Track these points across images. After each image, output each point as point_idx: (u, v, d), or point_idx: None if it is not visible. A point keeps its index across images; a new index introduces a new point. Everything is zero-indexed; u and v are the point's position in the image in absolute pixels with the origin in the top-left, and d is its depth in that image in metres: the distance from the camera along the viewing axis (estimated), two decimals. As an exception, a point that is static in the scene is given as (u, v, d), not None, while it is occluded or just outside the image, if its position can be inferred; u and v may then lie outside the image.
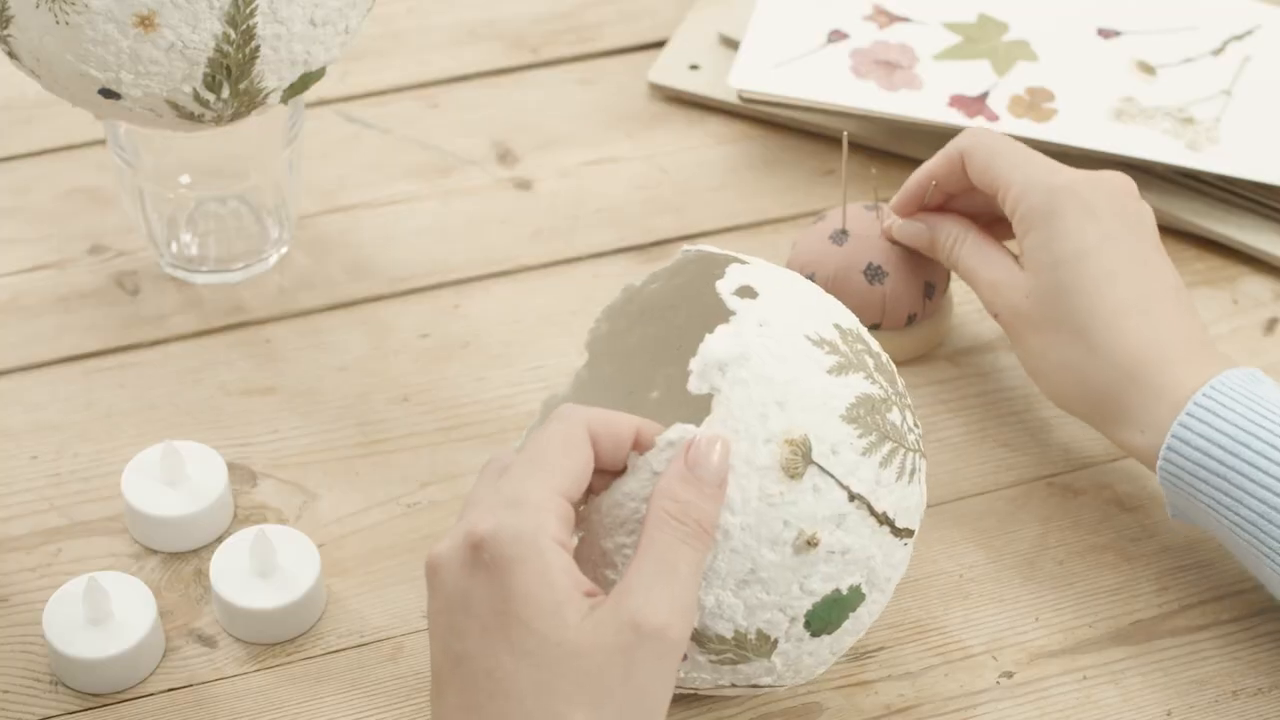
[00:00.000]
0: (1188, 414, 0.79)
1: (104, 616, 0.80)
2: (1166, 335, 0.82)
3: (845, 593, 0.73)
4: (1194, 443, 0.79)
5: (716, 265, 0.77)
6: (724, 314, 0.73)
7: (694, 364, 0.70)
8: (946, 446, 0.90)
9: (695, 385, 0.70)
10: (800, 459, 0.70)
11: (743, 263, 0.75)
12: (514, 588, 0.66)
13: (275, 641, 0.83)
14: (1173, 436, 0.80)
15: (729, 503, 0.70)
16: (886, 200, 0.93)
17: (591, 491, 0.71)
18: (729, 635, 0.72)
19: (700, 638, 0.72)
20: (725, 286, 0.73)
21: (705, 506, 0.69)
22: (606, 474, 0.71)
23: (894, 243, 0.92)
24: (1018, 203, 0.85)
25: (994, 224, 0.91)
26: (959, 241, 0.89)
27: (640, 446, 0.71)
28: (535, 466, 0.69)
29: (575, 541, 0.70)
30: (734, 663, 0.73)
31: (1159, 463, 0.81)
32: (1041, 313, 0.84)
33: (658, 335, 0.83)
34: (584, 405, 0.72)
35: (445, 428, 0.91)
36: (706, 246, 0.77)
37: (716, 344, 0.71)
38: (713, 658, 0.73)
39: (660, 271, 0.79)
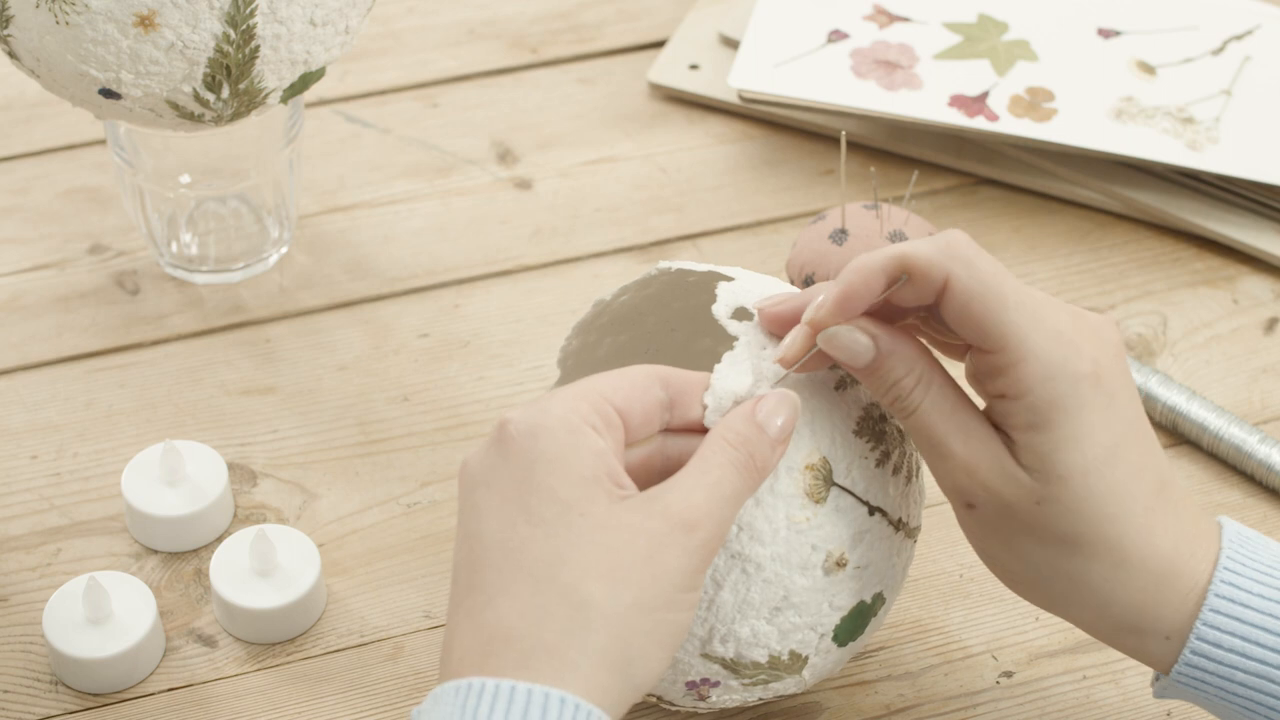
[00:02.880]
0: (1210, 609, 0.68)
1: (104, 616, 0.80)
2: (1187, 513, 0.69)
3: (869, 601, 0.73)
4: (1223, 642, 0.68)
5: (689, 275, 0.76)
6: (709, 328, 0.72)
7: (708, 399, 0.69)
8: (946, 446, 0.90)
9: (711, 421, 0.69)
10: (822, 483, 0.70)
11: (728, 279, 0.74)
12: (540, 453, 0.64)
13: (275, 641, 0.83)
14: (1196, 639, 0.68)
15: (758, 535, 0.69)
16: (887, 200, 0.93)
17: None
18: (764, 660, 0.72)
19: (735, 666, 0.72)
20: (721, 310, 0.73)
21: (765, 448, 0.67)
22: (686, 430, 0.69)
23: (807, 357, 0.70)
24: (1034, 386, 0.66)
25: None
26: (923, 384, 0.68)
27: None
28: (582, 382, 0.67)
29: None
30: (766, 683, 0.73)
31: (1178, 667, 0.69)
32: (1054, 524, 0.67)
33: (626, 342, 0.82)
34: None
35: (445, 427, 0.91)
36: (682, 263, 0.77)
37: (728, 376, 0.70)
38: (746, 681, 0.73)
39: (630, 285, 0.78)
